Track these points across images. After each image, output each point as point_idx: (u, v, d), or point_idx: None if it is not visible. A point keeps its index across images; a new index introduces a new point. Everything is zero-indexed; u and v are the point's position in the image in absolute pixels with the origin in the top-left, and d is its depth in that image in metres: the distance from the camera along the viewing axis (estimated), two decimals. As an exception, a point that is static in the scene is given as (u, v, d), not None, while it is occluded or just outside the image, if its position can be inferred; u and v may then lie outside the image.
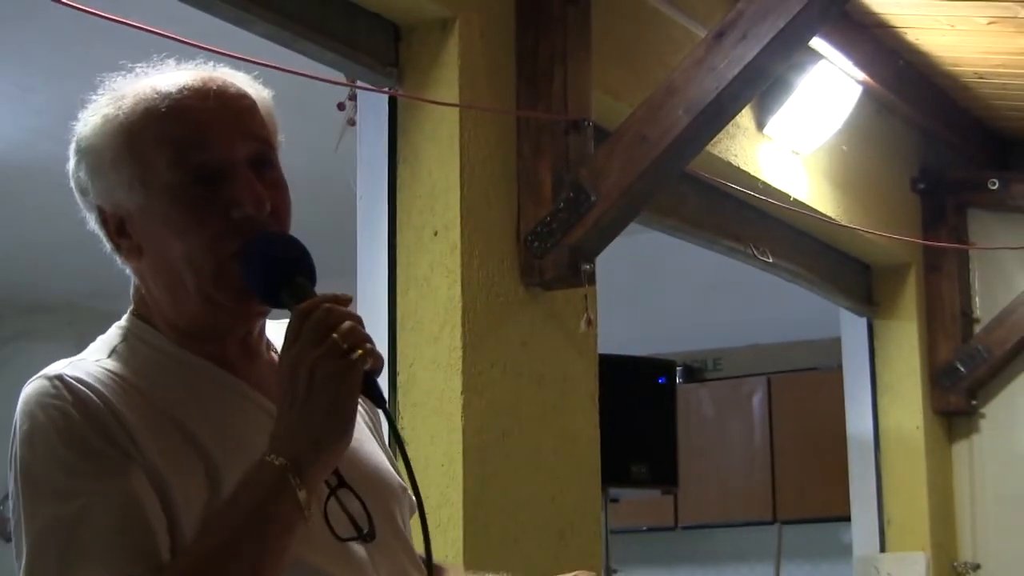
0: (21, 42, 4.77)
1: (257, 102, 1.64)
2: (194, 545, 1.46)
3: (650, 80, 3.93)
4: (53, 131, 5.47)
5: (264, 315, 1.64)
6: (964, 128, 5.71)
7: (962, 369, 5.72)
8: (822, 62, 4.76)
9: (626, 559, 6.90)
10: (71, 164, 1.66)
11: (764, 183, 4.74)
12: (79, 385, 1.51)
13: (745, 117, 4.60)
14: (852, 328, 5.93)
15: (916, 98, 5.37)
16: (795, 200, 4.91)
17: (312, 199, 6.38)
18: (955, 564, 5.77)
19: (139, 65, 1.68)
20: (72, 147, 1.66)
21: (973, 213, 5.96)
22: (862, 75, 4.95)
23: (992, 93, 5.42)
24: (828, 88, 4.82)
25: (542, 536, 3.56)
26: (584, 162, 3.59)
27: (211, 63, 1.68)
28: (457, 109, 3.45)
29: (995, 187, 5.75)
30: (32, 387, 1.54)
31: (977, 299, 5.92)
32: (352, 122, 3.66)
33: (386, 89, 3.55)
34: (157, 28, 2.97)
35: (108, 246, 1.67)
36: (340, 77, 3.53)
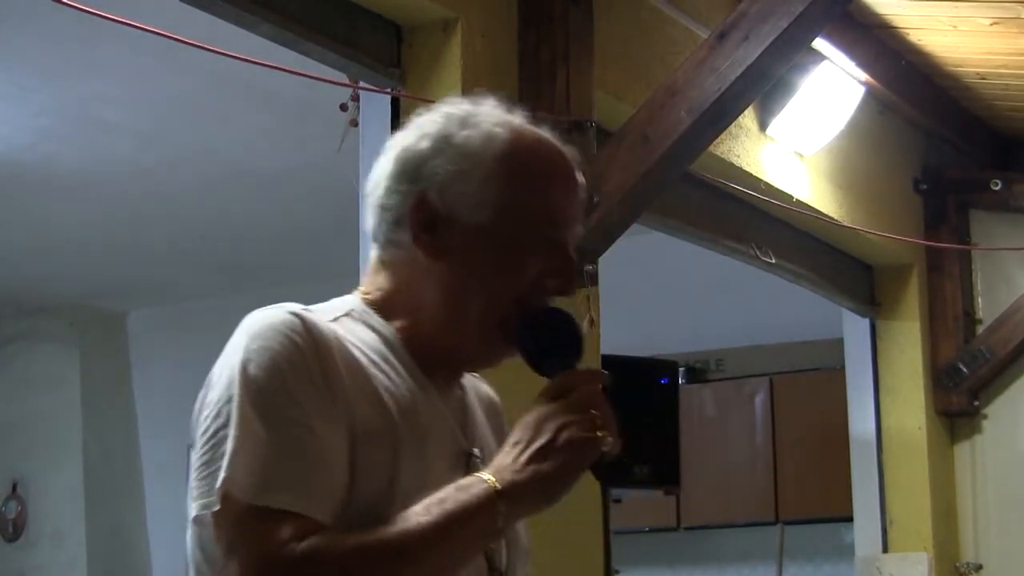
0: (22, 43, 4.76)
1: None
2: (389, 526, 1.51)
3: (652, 81, 3.93)
4: (55, 132, 5.51)
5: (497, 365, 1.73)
6: (966, 129, 5.71)
7: (964, 370, 5.71)
8: (824, 63, 4.76)
9: (628, 560, 6.89)
10: (414, 145, 1.69)
11: (766, 184, 4.74)
12: (314, 327, 1.57)
13: (747, 118, 4.60)
14: (854, 328, 5.93)
15: (918, 99, 5.37)
16: (797, 201, 4.91)
17: (315, 199, 6.41)
18: (957, 564, 5.77)
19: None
20: (431, 134, 1.69)
21: (975, 213, 5.95)
22: (864, 76, 4.95)
23: (994, 94, 5.42)
24: (830, 89, 4.82)
25: (544, 536, 3.54)
26: (586, 163, 3.59)
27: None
28: (459, 110, 3.44)
29: (997, 187, 5.74)
30: (270, 314, 1.59)
31: (979, 299, 5.91)
32: (354, 123, 3.66)
33: (388, 90, 3.55)
34: (159, 29, 2.97)
35: (388, 228, 1.69)
36: (342, 78, 3.53)
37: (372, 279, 1.73)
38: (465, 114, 1.70)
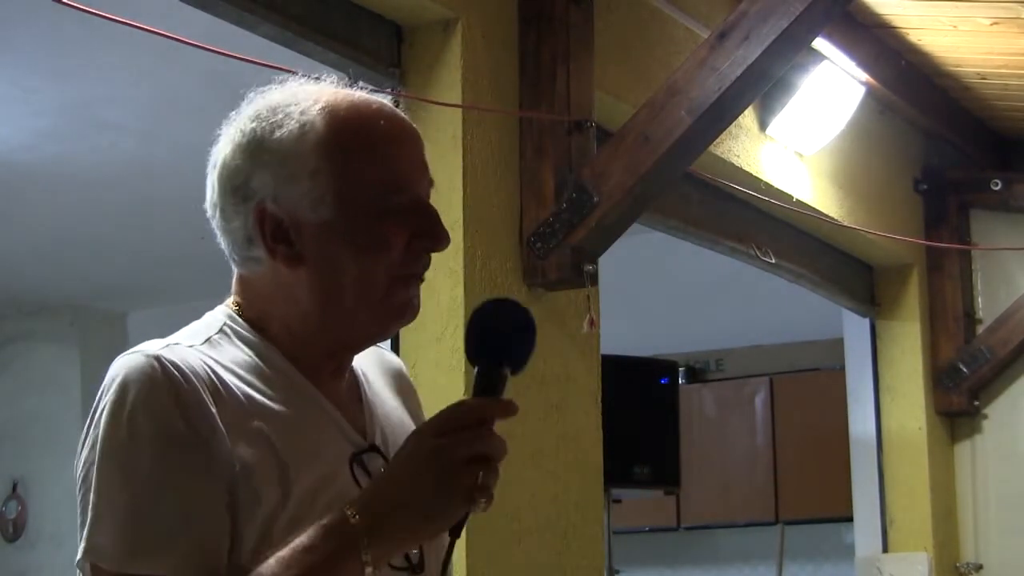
0: (24, 44, 4.76)
1: None
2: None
3: (652, 81, 3.94)
4: (56, 133, 5.51)
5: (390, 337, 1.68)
6: (966, 129, 5.71)
7: (964, 370, 5.72)
8: (824, 63, 4.76)
9: (628, 559, 6.90)
10: (231, 162, 1.63)
11: (766, 184, 4.74)
12: (175, 371, 1.52)
13: (748, 118, 4.60)
14: (854, 329, 5.93)
15: (918, 99, 5.37)
16: (797, 201, 4.91)
17: (314, 200, 6.41)
18: (957, 565, 5.77)
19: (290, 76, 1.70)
20: (243, 145, 1.63)
21: (975, 213, 5.96)
22: (864, 76, 4.95)
23: (994, 94, 5.42)
24: (830, 89, 4.82)
25: (544, 536, 3.56)
26: (586, 163, 3.59)
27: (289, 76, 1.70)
28: (460, 110, 3.45)
29: (997, 187, 5.75)
30: (128, 361, 1.53)
31: (979, 299, 5.92)
32: (355, 122, 3.65)
33: (389, 90, 3.54)
34: (159, 29, 2.97)
35: (242, 248, 1.65)
36: (342, 78, 3.53)
37: (239, 291, 1.69)
38: (271, 111, 1.63)
